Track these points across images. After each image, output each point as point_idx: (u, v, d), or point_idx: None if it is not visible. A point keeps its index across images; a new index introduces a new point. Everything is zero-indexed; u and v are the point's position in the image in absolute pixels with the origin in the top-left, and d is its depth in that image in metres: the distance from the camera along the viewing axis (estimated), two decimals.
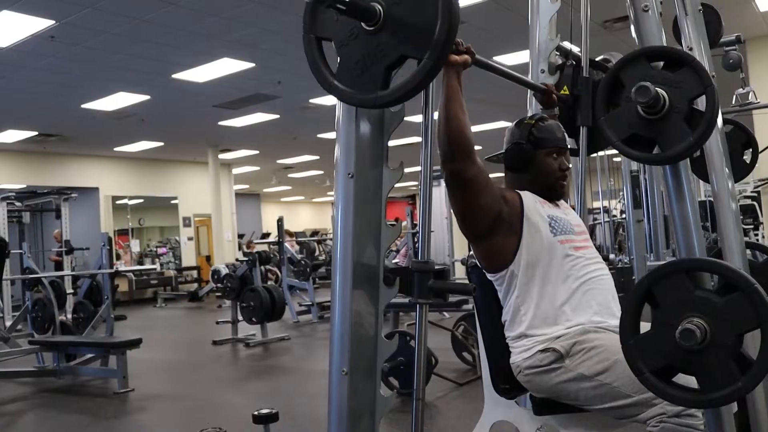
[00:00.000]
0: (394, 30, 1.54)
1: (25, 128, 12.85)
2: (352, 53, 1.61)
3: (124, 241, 17.57)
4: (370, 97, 1.58)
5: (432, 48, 1.48)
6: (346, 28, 1.61)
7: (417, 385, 1.73)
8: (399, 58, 1.56)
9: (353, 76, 1.61)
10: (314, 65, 1.67)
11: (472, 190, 2.20)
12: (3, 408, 5.98)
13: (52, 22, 7.23)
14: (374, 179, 1.78)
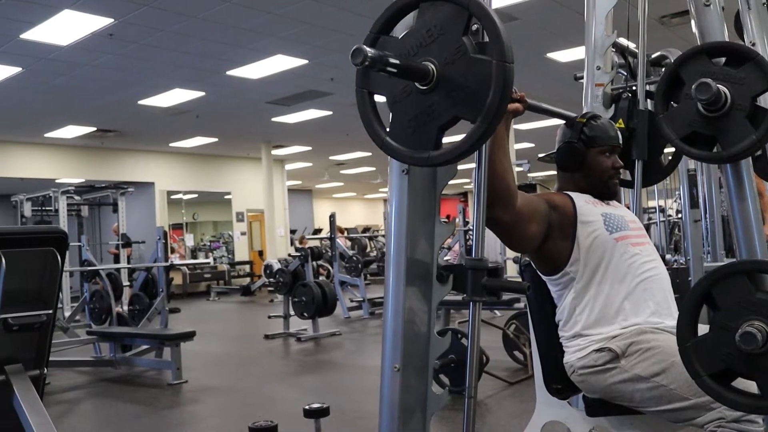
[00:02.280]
0: (447, 90, 1.51)
1: (84, 124, 13.13)
2: (405, 111, 1.58)
3: (179, 235, 17.84)
4: (422, 156, 1.56)
5: (485, 112, 1.45)
6: (400, 86, 1.58)
7: (469, 383, 1.71)
8: (452, 119, 1.53)
9: (406, 134, 1.58)
10: (367, 120, 1.65)
11: (511, 232, 2.17)
12: (62, 396, 6.12)
13: (111, 21, 7.37)
14: (428, 175, 1.77)
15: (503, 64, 1.43)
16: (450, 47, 1.50)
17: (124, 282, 9.92)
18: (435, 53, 1.52)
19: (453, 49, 1.49)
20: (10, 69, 9.01)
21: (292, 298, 9.05)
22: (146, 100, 11.11)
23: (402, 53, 1.54)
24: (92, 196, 14.54)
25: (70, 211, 13.52)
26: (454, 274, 1.75)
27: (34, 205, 13.58)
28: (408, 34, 1.57)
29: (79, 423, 5.34)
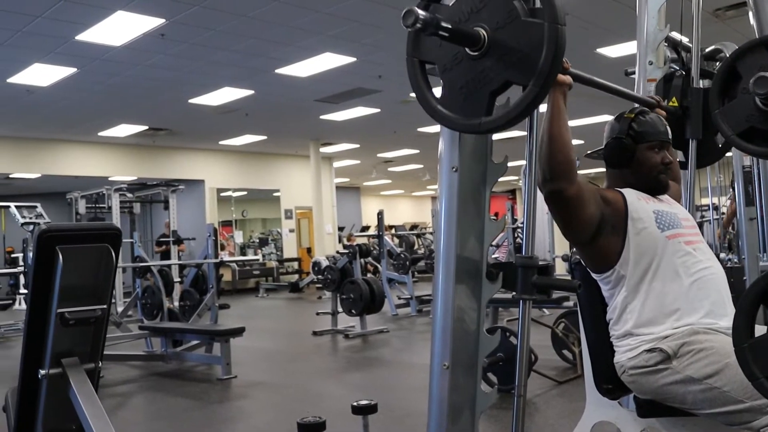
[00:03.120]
0: (498, 55, 1.50)
1: (136, 123, 13.35)
2: (456, 78, 1.58)
3: (228, 232, 18.03)
4: (474, 123, 1.55)
5: (537, 75, 1.44)
6: (450, 53, 1.58)
7: (519, 382, 1.70)
8: (503, 84, 1.52)
9: (457, 101, 1.58)
10: (418, 89, 1.65)
11: (572, 208, 2.14)
12: (115, 389, 6.24)
13: (163, 21, 7.47)
14: (478, 173, 1.76)
15: (555, 26, 1.43)
16: (501, 12, 1.49)
17: (175, 278, 10.06)
18: (486, 18, 1.51)
19: (504, 13, 1.49)
20: (66, 70, 9.21)
21: (340, 295, 9.09)
22: (196, 98, 11.25)
23: (453, 19, 1.54)
24: (144, 193, 14.78)
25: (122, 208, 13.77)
26: (503, 272, 1.74)
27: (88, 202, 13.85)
28: (459, 1, 1.57)
29: (132, 416, 5.44)
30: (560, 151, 2.04)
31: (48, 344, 2.36)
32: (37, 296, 2.34)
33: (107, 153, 15.41)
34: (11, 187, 17.97)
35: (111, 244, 2.38)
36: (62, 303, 2.30)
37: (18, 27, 7.44)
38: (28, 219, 10.77)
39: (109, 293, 2.44)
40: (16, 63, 8.85)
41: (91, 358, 2.50)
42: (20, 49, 8.21)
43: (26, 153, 14.39)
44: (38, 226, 10.28)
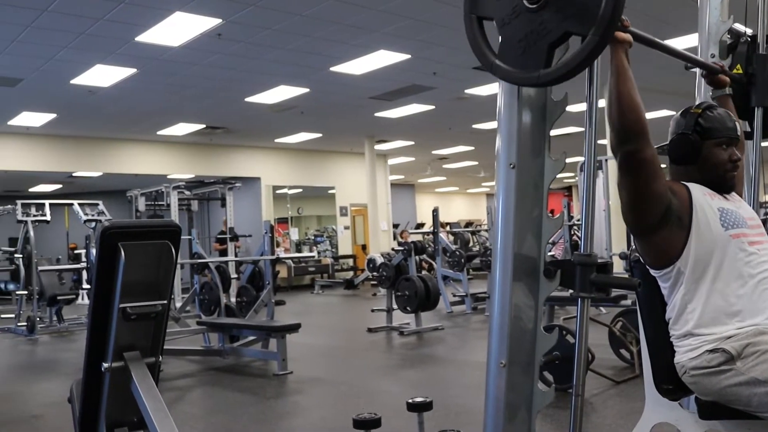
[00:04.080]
0: (557, 6, 1.49)
1: (194, 121, 13.57)
2: (514, 32, 1.57)
3: (284, 229, 18.19)
4: (533, 75, 1.54)
5: (597, 24, 1.42)
6: (508, 6, 1.57)
7: (577, 381, 1.68)
8: (563, 35, 1.50)
9: (515, 55, 1.57)
10: (475, 45, 1.64)
11: (647, 173, 2.08)
12: (174, 383, 6.35)
13: (220, 21, 7.57)
14: (536, 170, 1.74)
15: None
16: None
17: (232, 274, 10.18)
18: None
19: None
20: (126, 70, 9.40)
21: (395, 292, 9.10)
22: (253, 97, 11.38)
23: None
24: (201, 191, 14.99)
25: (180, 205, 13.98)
26: (561, 270, 1.72)
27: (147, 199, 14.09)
28: None
29: (191, 409, 5.53)
30: (631, 111, 2.00)
31: (110, 338, 2.41)
32: (101, 291, 2.39)
33: (166, 151, 15.68)
34: (74, 186, 18.42)
35: (171, 240, 2.42)
36: (124, 298, 2.34)
37: (80, 30, 7.61)
38: (91, 216, 11.02)
39: (169, 289, 2.49)
40: (79, 65, 9.06)
41: (151, 352, 2.55)
42: (82, 51, 8.41)
43: (88, 152, 14.73)
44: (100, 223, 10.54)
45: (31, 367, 7.70)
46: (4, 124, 12.59)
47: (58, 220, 14.95)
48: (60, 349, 8.97)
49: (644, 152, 2.04)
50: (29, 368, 7.65)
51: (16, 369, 7.57)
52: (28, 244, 10.45)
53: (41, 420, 5.22)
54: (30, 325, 9.71)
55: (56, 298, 10.49)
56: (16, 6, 6.87)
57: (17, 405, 5.72)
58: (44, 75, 9.43)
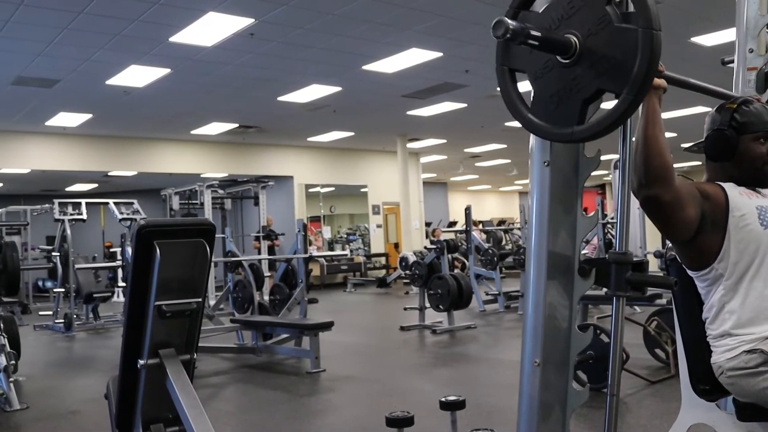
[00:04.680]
0: (590, 63, 1.47)
1: (227, 121, 13.66)
2: (547, 86, 1.55)
3: (316, 228, 18.25)
4: (566, 132, 1.52)
5: (632, 83, 1.40)
6: (541, 61, 1.55)
7: (612, 381, 1.66)
8: (596, 91, 1.49)
9: (548, 109, 1.55)
10: (508, 97, 1.63)
11: (669, 213, 2.06)
12: (208, 380, 6.41)
13: (252, 21, 7.62)
14: (570, 167, 1.73)
15: (650, 31, 1.38)
16: (593, 18, 1.46)
17: (266, 273, 10.25)
18: (577, 25, 1.48)
19: (596, 19, 1.46)
20: (160, 71, 9.49)
21: (427, 290, 9.10)
22: (285, 96, 11.43)
23: (543, 27, 1.51)
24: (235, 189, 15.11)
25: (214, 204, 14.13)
26: (596, 268, 1.71)
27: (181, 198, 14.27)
28: (549, 7, 1.54)
29: (224, 406, 5.58)
30: (657, 156, 1.98)
31: (146, 335, 2.44)
32: (136, 289, 2.42)
33: (199, 151, 15.81)
34: (109, 185, 18.66)
35: (206, 238, 2.45)
36: (159, 296, 2.37)
37: (116, 31, 7.70)
38: (126, 215, 11.16)
39: (203, 287, 2.51)
40: (114, 65, 9.17)
41: (186, 350, 2.58)
42: (118, 52, 8.51)
43: (123, 152, 14.91)
44: (135, 221, 10.66)
45: (68, 364, 7.82)
46: (42, 124, 12.79)
47: (94, 218, 15.16)
48: (96, 345, 9.10)
49: (665, 197, 2.01)
50: (67, 364, 7.76)
51: (54, 365, 7.69)
52: (65, 242, 10.60)
53: (79, 415, 5.30)
54: (67, 322, 9.85)
55: (92, 296, 10.64)
56: (53, 9, 6.97)
57: (56, 400, 5.81)
58: (80, 76, 9.56)
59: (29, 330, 10.15)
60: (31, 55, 8.49)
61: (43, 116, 12.18)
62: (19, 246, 10.69)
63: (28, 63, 8.82)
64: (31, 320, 11.23)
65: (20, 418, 5.22)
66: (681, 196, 2.06)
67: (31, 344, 8.59)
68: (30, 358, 7.25)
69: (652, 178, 1.97)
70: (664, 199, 2.00)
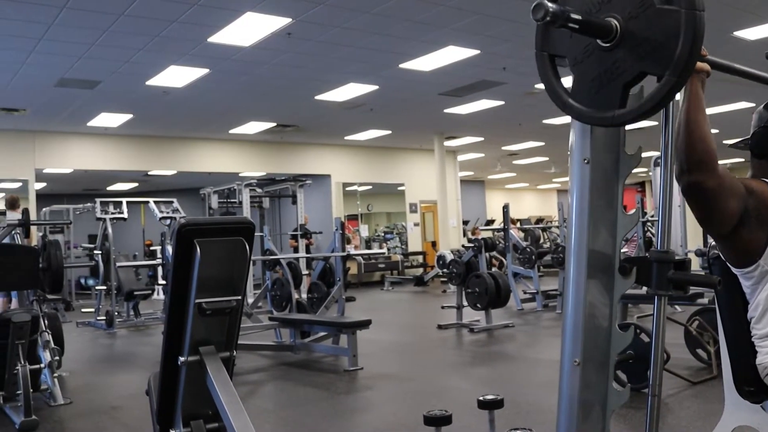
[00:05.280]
0: (631, 46, 1.45)
1: (264, 120, 13.76)
2: (587, 71, 1.53)
3: (354, 226, 18.30)
4: (607, 116, 1.50)
5: (674, 64, 1.37)
6: (581, 45, 1.53)
7: (653, 381, 1.64)
8: (638, 75, 1.46)
9: (589, 94, 1.53)
10: (548, 83, 1.62)
11: (712, 201, 2.00)
12: (246, 377, 6.46)
13: (289, 20, 7.65)
14: (611, 165, 1.71)
15: (693, 12, 1.36)
16: (634, 0, 1.44)
17: (303, 271, 10.30)
18: (617, 8, 1.47)
19: (637, 1, 1.44)
20: (199, 71, 9.59)
21: (465, 288, 9.07)
22: (323, 95, 11.47)
23: (583, 10, 1.49)
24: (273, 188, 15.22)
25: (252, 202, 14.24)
26: (637, 267, 1.68)
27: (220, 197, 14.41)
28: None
29: (263, 403, 5.62)
30: (699, 141, 1.93)
31: (187, 333, 2.46)
32: (177, 287, 2.44)
33: (238, 150, 15.94)
34: (149, 184, 18.90)
35: (245, 237, 2.47)
36: (200, 294, 2.40)
37: (155, 32, 7.80)
38: (166, 213, 11.29)
39: (243, 285, 2.53)
40: (154, 66, 9.28)
41: (226, 347, 2.60)
42: (157, 53, 8.61)
43: (163, 151, 15.10)
44: (175, 220, 10.78)
45: (110, 360, 7.94)
46: (84, 125, 13.00)
47: (135, 217, 15.36)
48: (137, 342, 9.22)
49: (708, 183, 1.95)
50: (108, 361, 7.88)
51: (96, 361, 7.81)
52: (106, 240, 10.76)
53: (120, 411, 5.37)
54: (108, 319, 10.00)
55: (133, 294, 10.79)
56: (94, 11, 7.07)
57: (98, 396, 5.90)
58: (121, 77, 9.69)
59: (72, 327, 10.31)
60: (74, 57, 8.63)
61: (85, 117, 12.38)
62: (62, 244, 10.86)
63: (70, 65, 8.97)
64: (73, 317, 11.40)
65: (64, 412, 5.31)
66: (724, 185, 1.99)
67: (74, 341, 8.73)
68: (73, 355, 7.37)
69: (694, 163, 1.92)
70: (707, 185, 1.95)
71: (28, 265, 5.81)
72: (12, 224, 6.50)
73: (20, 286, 6.22)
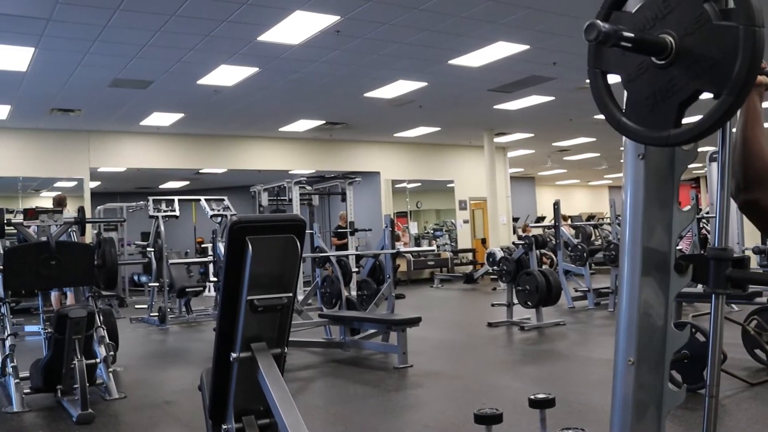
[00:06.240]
0: (687, 63, 1.40)
1: (314, 118, 13.83)
2: (641, 88, 1.50)
3: (403, 223, 18.29)
4: (662, 135, 1.46)
5: (732, 83, 1.33)
6: (635, 62, 1.49)
7: (710, 382, 1.60)
8: (693, 93, 1.42)
9: (643, 113, 1.49)
10: (600, 100, 1.59)
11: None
12: (297, 374, 6.50)
13: (338, 18, 7.68)
14: (666, 160, 1.68)
15: (752, 28, 1.32)
16: (689, 16, 1.40)
17: (353, 268, 10.33)
18: (672, 24, 1.43)
19: (693, 18, 1.40)
20: (249, 69, 9.67)
21: (515, 286, 9.01)
22: (371, 92, 11.48)
23: (636, 27, 1.46)
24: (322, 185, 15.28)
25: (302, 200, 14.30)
26: (694, 265, 1.65)
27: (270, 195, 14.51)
28: (642, 7, 1.49)
29: (313, 400, 5.65)
30: (756, 158, 1.87)
31: (239, 329, 2.49)
32: (229, 284, 2.47)
33: (287, 147, 16.06)
34: (200, 182, 19.14)
35: (296, 234, 2.48)
36: (252, 291, 2.41)
37: (206, 32, 7.89)
38: (217, 211, 11.42)
39: (294, 282, 2.54)
40: (205, 66, 9.40)
41: (277, 344, 2.62)
42: (208, 52, 8.71)
43: (214, 149, 15.29)
44: (226, 217, 10.90)
45: (162, 356, 8.07)
46: (137, 124, 13.23)
47: (186, 215, 15.56)
48: (189, 338, 9.35)
49: (765, 201, 1.89)
50: (161, 356, 8.01)
51: (150, 357, 7.94)
52: (159, 238, 10.93)
53: (173, 405, 5.45)
54: (161, 316, 10.16)
55: (185, 290, 10.94)
56: (146, 12, 7.19)
57: (151, 390, 6.00)
58: (173, 77, 9.83)
59: (126, 323, 10.51)
60: (127, 57, 8.78)
61: (138, 116, 12.60)
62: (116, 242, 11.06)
63: (123, 65, 9.13)
64: (127, 313, 11.62)
65: (119, 406, 5.41)
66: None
67: (128, 336, 8.89)
68: (127, 350, 7.50)
69: (751, 181, 1.86)
70: (765, 203, 1.90)
71: (84, 262, 5.94)
72: (68, 222, 6.64)
73: (77, 283, 6.35)
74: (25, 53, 8.38)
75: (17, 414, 5.23)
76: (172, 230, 12.94)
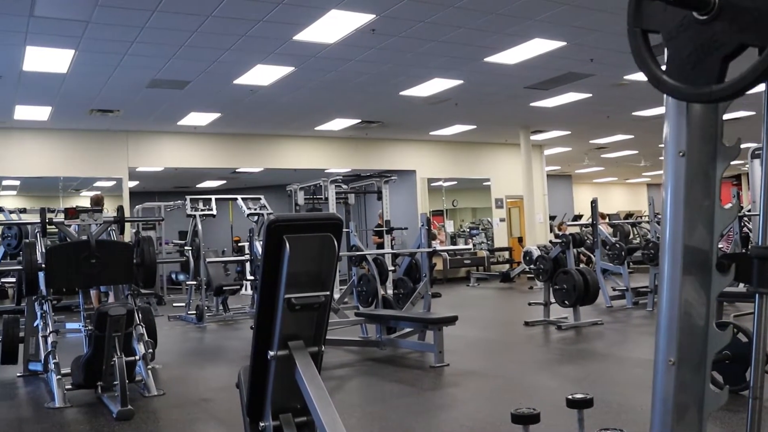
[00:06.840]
0: (731, 17, 1.38)
1: (349, 116, 13.87)
2: (683, 45, 1.47)
3: (439, 222, 18.26)
4: (704, 91, 1.44)
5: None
6: (676, 19, 1.47)
7: (754, 383, 1.57)
8: (737, 47, 1.40)
9: (684, 70, 1.47)
10: (641, 60, 1.56)
11: None
12: (333, 372, 6.52)
13: (373, 16, 7.68)
14: (707, 157, 1.65)
15: None
16: None
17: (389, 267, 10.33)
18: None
19: None
20: (285, 69, 9.73)
21: (552, 285, 8.94)
22: (407, 90, 11.48)
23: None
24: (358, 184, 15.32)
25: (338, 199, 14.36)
26: (736, 263, 1.62)
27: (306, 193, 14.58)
28: None
29: (350, 398, 5.66)
30: None
31: (276, 328, 2.49)
32: (267, 283, 2.48)
33: (323, 146, 16.12)
34: (237, 181, 19.30)
35: (333, 233, 2.48)
36: (289, 289, 2.42)
37: (242, 32, 7.95)
38: (253, 210, 11.50)
39: (331, 280, 2.55)
40: (241, 65, 9.47)
41: (314, 342, 2.62)
42: (244, 52, 8.78)
43: (250, 149, 15.41)
44: (263, 216, 10.97)
45: (200, 353, 8.14)
46: (174, 124, 13.38)
47: (223, 214, 15.70)
48: (226, 336, 9.43)
49: None
50: (199, 354, 8.09)
51: (188, 354, 8.02)
52: (196, 237, 11.03)
53: (211, 403, 5.50)
54: (198, 314, 10.26)
55: (222, 289, 11.03)
56: (183, 13, 7.26)
57: (189, 388, 6.06)
58: (209, 77, 9.92)
59: (164, 320, 10.62)
60: (164, 58, 8.88)
61: (176, 116, 12.74)
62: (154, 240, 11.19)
63: (161, 66, 9.24)
64: (165, 311, 11.75)
65: (158, 403, 5.47)
66: None
67: (166, 334, 8.99)
68: (165, 348, 7.58)
69: None
70: None
71: (124, 260, 6.02)
72: (108, 221, 6.73)
73: (116, 281, 6.44)
74: (65, 55, 8.52)
75: (59, 410, 5.32)
76: (209, 229, 13.06)
